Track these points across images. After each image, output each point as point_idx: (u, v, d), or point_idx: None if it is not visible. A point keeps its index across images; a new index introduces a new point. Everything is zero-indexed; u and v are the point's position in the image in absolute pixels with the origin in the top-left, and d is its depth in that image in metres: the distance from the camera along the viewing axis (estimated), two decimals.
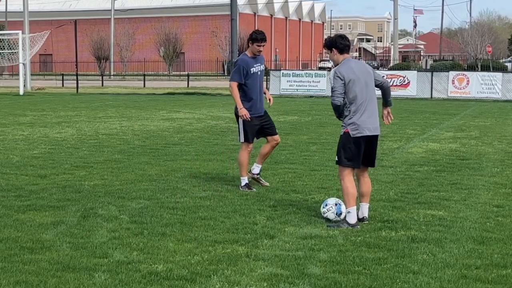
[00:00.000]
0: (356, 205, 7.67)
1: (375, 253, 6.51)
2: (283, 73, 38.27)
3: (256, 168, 10.12)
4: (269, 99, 10.18)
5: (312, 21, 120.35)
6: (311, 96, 36.38)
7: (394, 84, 35.67)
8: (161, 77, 71.14)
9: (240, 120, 9.81)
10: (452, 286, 5.62)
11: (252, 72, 9.75)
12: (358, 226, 7.53)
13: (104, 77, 60.89)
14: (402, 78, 35.83)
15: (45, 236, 7.06)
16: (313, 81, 37.27)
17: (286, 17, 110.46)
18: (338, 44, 7.84)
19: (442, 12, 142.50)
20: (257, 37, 9.67)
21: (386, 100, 8.42)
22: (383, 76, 8.41)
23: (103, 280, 5.69)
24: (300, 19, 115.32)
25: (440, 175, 11.05)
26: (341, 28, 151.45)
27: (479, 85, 34.22)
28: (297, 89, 37.12)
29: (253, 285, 5.63)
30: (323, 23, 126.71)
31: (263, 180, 10.15)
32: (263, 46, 9.74)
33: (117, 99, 34.14)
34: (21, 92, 38.56)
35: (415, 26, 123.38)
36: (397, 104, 30.27)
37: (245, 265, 6.11)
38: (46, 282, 5.63)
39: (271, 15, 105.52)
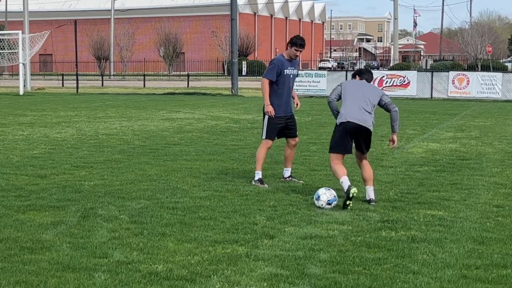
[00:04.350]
0: (346, 176, 8.66)
1: (375, 253, 6.51)
2: None
3: (286, 172, 10.51)
4: (297, 104, 10.56)
5: (312, 21, 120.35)
6: (311, 96, 36.38)
7: (394, 84, 35.70)
8: (161, 77, 71.15)
9: (266, 117, 10.18)
10: (452, 286, 5.62)
11: (285, 73, 10.09)
12: (352, 188, 8.37)
13: (104, 77, 60.90)
14: (402, 78, 35.84)
15: (45, 236, 7.06)
16: (313, 81, 37.29)
17: (286, 17, 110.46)
18: (360, 73, 9.26)
19: (442, 12, 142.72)
20: (297, 42, 10.04)
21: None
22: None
23: (103, 280, 5.69)
24: (300, 19, 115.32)
25: (440, 175, 11.06)
26: (341, 28, 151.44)
27: (479, 85, 34.23)
28: (297, 89, 36.96)
29: (253, 285, 5.63)
30: (323, 23, 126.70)
31: (296, 179, 10.44)
32: (301, 51, 10.13)
33: (117, 99, 34.15)
34: (21, 92, 38.56)
35: (415, 26, 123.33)
36: (397, 104, 30.25)
37: (245, 265, 6.11)
38: (46, 282, 5.63)
39: (271, 15, 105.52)
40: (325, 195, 8.54)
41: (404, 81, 35.61)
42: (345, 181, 8.55)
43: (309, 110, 26.22)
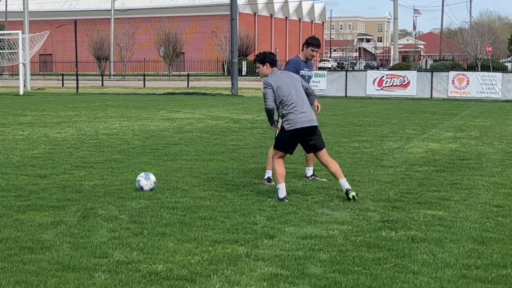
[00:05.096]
0: (284, 182, 8.88)
1: (375, 253, 6.51)
2: None
3: (308, 171, 10.70)
4: (317, 106, 10.57)
5: (312, 21, 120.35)
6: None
7: (394, 84, 35.70)
8: (161, 77, 71.17)
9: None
10: (452, 286, 5.62)
11: (301, 74, 10.16)
12: (286, 200, 8.77)
13: (104, 77, 60.91)
14: (402, 78, 35.85)
15: (45, 236, 7.06)
16: (313, 81, 37.22)
17: (286, 17, 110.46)
18: (269, 59, 9.17)
19: (442, 12, 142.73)
20: (313, 42, 10.19)
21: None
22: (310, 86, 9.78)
23: (103, 280, 5.69)
24: (300, 19, 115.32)
25: (440, 175, 11.05)
26: (341, 28, 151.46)
27: (479, 85, 34.24)
28: None
29: (253, 285, 5.62)
30: (323, 23, 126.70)
31: (319, 178, 10.58)
32: (317, 52, 10.27)
33: (117, 99, 34.15)
34: (21, 92, 38.57)
35: (415, 26, 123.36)
36: (397, 104, 30.29)
37: (245, 265, 6.11)
38: (46, 282, 5.63)
39: (271, 15, 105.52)
40: (147, 186, 9.42)
41: (404, 81, 35.61)
42: (282, 189, 8.86)
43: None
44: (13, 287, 5.54)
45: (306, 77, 10.28)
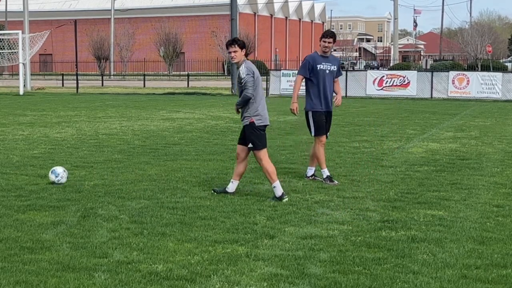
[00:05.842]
0: (278, 179, 9.00)
1: (375, 253, 6.51)
2: (283, 73, 38.27)
3: (310, 171, 10.64)
4: (335, 99, 10.54)
5: (312, 21, 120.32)
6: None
7: (394, 84, 35.69)
8: (161, 77, 71.16)
9: (310, 115, 10.42)
10: (452, 286, 5.62)
11: (319, 68, 10.26)
12: (286, 197, 8.86)
13: (104, 77, 60.89)
14: (402, 78, 35.83)
15: (45, 236, 7.06)
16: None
17: (286, 17, 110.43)
18: (245, 46, 9.17)
19: (442, 12, 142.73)
20: (324, 34, 10.35)
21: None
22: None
23: (103, 280, 5.69)
24: (300, 19, 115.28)
25: (440, 175, 11.06)
26: (341, 28, 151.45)
27: (479, 85, 34.22)
28: None
29: (253, 285, 5.63)
30: (323, 23, 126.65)
31: (319, 178, 10.54)
32: (329, 43, 10.23)
33: (117, 99, 34.15)
34: (21, 92, 38.56)
35: (415, 26, 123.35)
36: (397, 104, 30.29)
37: (245, 265, 6.11)
38: (46, 282, 5.63)
39: (271, 15, 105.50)
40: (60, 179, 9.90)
41: (404, 81, 35.60)
42: (278, 187, 8.95)
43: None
44: (13, 287, 5.54)
45: (327, 71, 10.29)
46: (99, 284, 5.61)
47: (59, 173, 9.95)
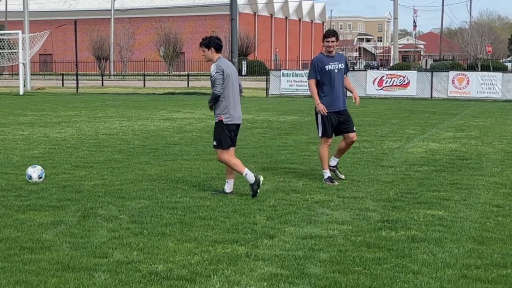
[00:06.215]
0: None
1: (375, 253, 6.51)
2: (283, 73, 38.28)
3: (333, 161, 10.63)
4: (355, 98, 10.60)
5: (312, 21, 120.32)
6: (311, 96, 36.36)
7: (394, 84, 35.69)
8: (161, 77, 71.16)
9: (319, 116, 10.40)
10: (452, 286, 5.62)
11: (327, 69, 10.28)
12: (261, 178, 9.04)
13: (104, 77, 60.89)
14: (402, 78, 35.83)
15: (45, 236, 7.06)
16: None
17: (286, 17, 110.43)
18: (215, 44, 9.13)
19: (442, 12, 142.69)
20: (326, 33, 10.37)
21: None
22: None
23: (103, 280, 5.69)
24: (300, 19, 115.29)
25: (440, 175, 11.06)
26: (341, 28, 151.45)
27: (479, 85, 34.22)
28: (297, 89, 37.13)
29: (253, 285, 5.63)
30: (323, 23, 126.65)
31: (338, 172, 10.58)
32: (332, 42, 10.25)
33: (117, 99, 34.15)
34: (21, 92, 38.56)
35: (415, 26, 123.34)
36: (397, 104, 30.29)
37: (245, 265, 6.11)
38: (46, 282, 5.63)
39: (271, 15, 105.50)
40: (35, 172, 9.94)
41: (404, 81, 35.60)
42: (249, 173, 9.05)
43: (309, 110, 26.18)
44: (13, 287, 5.54)
45: (336, 70, 10.29)
46: (99, 284, 5.61)
47: (33, 176, 10.02)
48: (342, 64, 10.40)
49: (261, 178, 9.08)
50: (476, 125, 20.11)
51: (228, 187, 9.30)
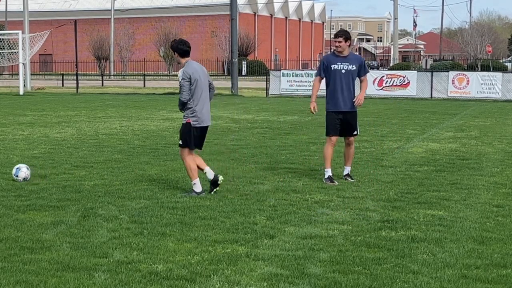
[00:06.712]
0: (197, 177, 9.29)
1: (375, 253, 6.51)
2: (283, 73, 38.26)
3: (345, 170, 10.66)
4: (356, 98, 10.38)
5: (312, 21, 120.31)
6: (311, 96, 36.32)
7: (394, 84, 35.68)
8: (161, 77, 71.15)
9: (325, 115, 10.51)
10: (452, 286, 5.62)
11: (333, 68, 10.31)
12: (204, 193, 9.17)
13: (104, 77, 60.88)
14: (402, 78, 35.83)
15: (45, 236, 7.06)
16: (313, 81, 37.24)
17: (286, 17, 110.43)
18: (178, 49, 9.19)
19: (442, 12, 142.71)
20: (335, 34, 10.45)
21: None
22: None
23: (103, 280, 5.70)
24: (300, 19, 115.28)
25: (440, 175, 11.06)
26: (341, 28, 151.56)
27: (479, 85, 34.21)
28: (297, 89, 37.11)
29: (253, 285, 5.63)
30: (323, 23, 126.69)
31: (349, 179, 10.51)
32: (339, 42, 10.28)
33: (117, 99, 34.14)
34: (21, 92, 38.55)
35: (415, 26, 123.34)
36: (397, 104, 30.29)
37: (245, 265, 6.11)
38: (46, 282, 5.63)
39: (271, 15, 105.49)
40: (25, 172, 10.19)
41: (404, 81, 35.59)
42: (197, 184, 9.26)
43: (309, 110, 26.19)
44: (13, 287, 5.54)
45: (342, 71, 10.27)
46: (99, 284, 5.61)
47: (19, 175, 10.23)
48: (354, 66, 10.31)
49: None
50: (476, 125, 20.11)
51: (209, 172, 9.40)
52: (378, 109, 26.33)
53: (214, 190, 9.33)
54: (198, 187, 9.24)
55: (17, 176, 10.21)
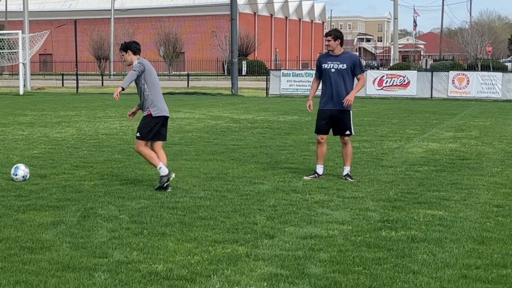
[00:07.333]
0: (160, 162, 9.52)
1: (375, 253, 6.51)
2: (283, 73, 38.27)
3: (344, 170, 10.69)
4: (346, 99, 10.41)
5: (312, 21, 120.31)
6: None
7: (394, 84, 35.68)
8: (161, 77, 71.04)
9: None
10: (452, 286, 5.62)
11: (323, 67, 10.44)
12: (172, 175, 9.49)
13: (104, 76, 60.87)
14: (402, 78, 35.83)
15: (45, 236, 7.06)
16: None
17: (286, 17, 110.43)
18: (133, 47, 9.82)
19: (442, 12, 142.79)
20: (325, 33, 10.63)
21: None
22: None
23: (103, 280, 5.69)
24: (300, 19, 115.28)
25: (440, 175, 11.06)
26: (341, 28, 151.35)
27: (479, 85, 34.22)
28: (297, 89, 37.11)
29: (253, 285, 5.63)
30: (323, 23, 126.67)
31: (349, 179, 10.52)
32: (328, 41, 10.43)
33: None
34: (21, 92, 38.56)
35: (415, 26, 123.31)
36: (397, 104, 30.29)
37: (245, 265, 6.11)
38: (46, 282, 5.63)
39: (271, 15, 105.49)
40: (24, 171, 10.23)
41: (404, 81, 35.60)
42: (163, 167, 9.51)
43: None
44: (13, 287, 5.54)
45: (332, 70, 10.35)
46: (99, 284, 5.61)
47: (18, 174, 10.26)
48: (345, 65, 10.33)
49: (173, 175, 9.52)
50: (476, 125, 20.11)
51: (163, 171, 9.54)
52: (378, 109, 26.32)
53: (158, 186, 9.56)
54: (164, 170, 9.46)
55: (16, 175, 10.20)
